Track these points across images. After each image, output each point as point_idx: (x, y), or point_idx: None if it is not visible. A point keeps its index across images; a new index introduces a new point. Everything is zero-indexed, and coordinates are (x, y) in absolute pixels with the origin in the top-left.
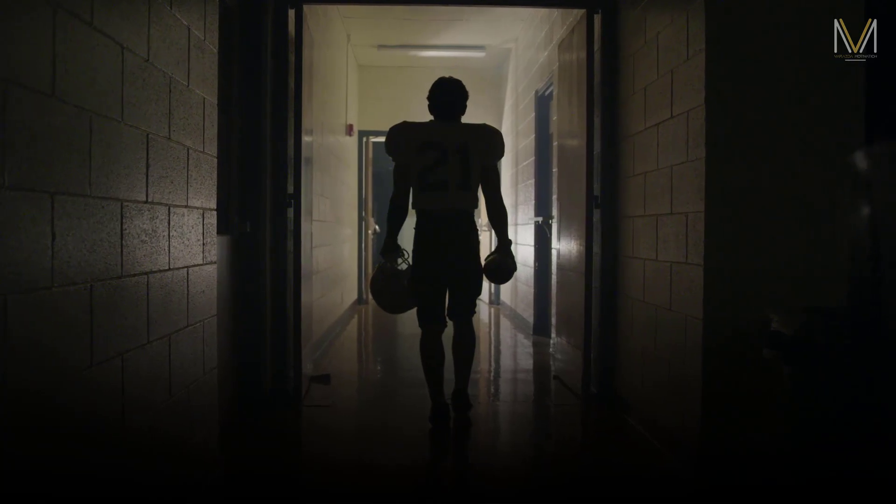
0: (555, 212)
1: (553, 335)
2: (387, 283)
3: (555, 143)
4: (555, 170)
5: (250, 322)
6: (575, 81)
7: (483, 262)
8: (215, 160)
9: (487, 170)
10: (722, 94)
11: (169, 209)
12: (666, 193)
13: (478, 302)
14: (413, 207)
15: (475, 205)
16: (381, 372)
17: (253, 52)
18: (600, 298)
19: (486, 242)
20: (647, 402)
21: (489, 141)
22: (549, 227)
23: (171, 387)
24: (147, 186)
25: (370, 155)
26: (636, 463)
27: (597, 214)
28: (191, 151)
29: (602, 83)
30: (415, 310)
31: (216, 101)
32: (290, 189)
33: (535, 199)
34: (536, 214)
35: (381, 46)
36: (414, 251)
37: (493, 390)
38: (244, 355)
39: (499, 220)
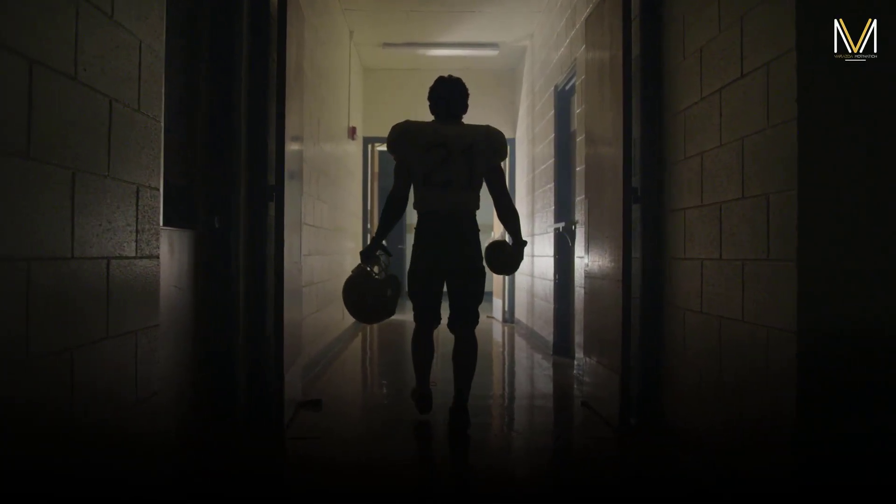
0: (579, 215)
1: (579, 355)
2: (359, 290)
3: (578, 139)
4: (578, 168)
5: (219, 337)
6: (607, 61)
7: (489, 243)
8: (160, 126)
9: (494, 170)
10: (822, 30)
11: (73, 175)
12: (734, 175)
13: (490, 321)
14: (415, 207)
15: (478, 205)
16: (386, 397)
17: (225, 14)
18: (640, 310)
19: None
20: (711, 441)
21: (494, 141)
22: (572, 233)
23: (72, 421)
24: (29, 134)
25: (377, 168)
26: None
27: (636, 211)
28: (115, 105)
29: (642, 55)
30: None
31: (163, 53)
32: (272, 180)
33: (555, 205)
34: (556, 221)
35: (386, 45)
36: (414, 248)
37: (507, 419)
38: (211, 376)
39: (512, 219)
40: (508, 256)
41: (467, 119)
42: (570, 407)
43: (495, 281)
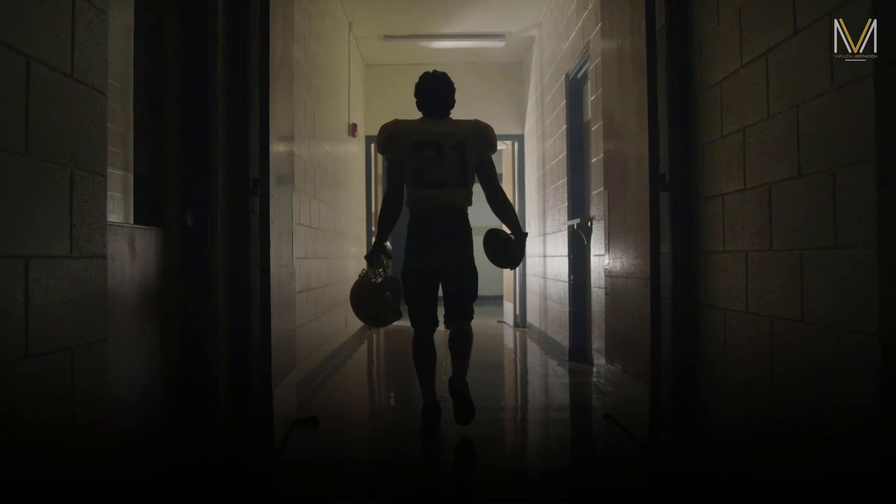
0: (595, 210)
1: (599, 361)
2: (366, 294)
3: (594, 128)
4: (594, 160)
5: (194, 351)
6: (627, 35)
7: (490, 232)
8: (103, 99)
9: (485, 164)
10: None
11: None
12: (787, 150)
13: (501, 325)
14: (407, 206)
15: (470, 202)
16: (392, 412)
17: None
18: (671, 312)
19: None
20: (766, 465)
21: (484, 136)
22: (588, 230)
23: None
24: None
25: (380, 169)
26: None
27: (664, 200)
28: (36, 67)
29: (668, 26)
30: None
31: (107, 12)
32: (255, 172)
33: (569, 201)
34: (570, 218)
35: (387, 37)
36: (407, 248)
37: (521, 436)
38: (185, 397)
39: (508, 212)
40: (509, 250)
41: (474, 115)
42: (591, 420)
43: (506, 284)
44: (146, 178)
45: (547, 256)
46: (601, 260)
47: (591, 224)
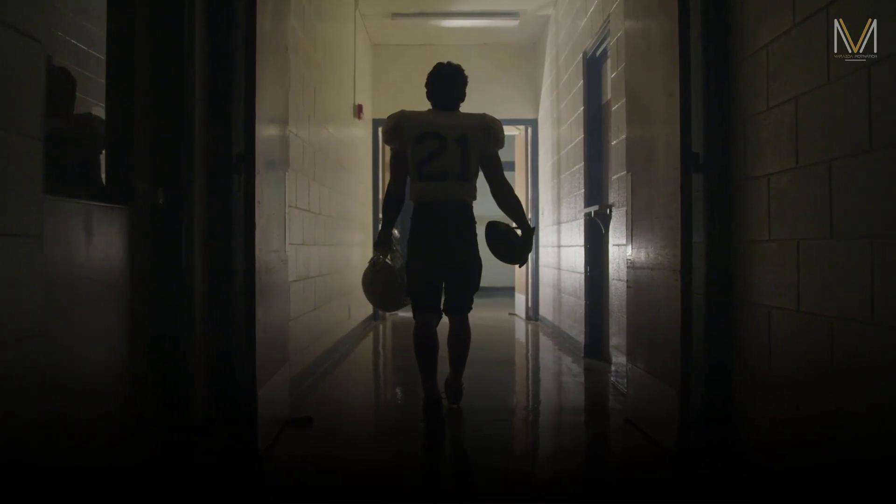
0: (614, 196)
1: (618, 359)
2: (377, 279)
3: (614, 107)
4: (614, 142)
5: (166, 342)
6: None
7: (489, 225)
8: (35, 47)
9: (489, 157)
10: None
11: None
12: (855, 119)
13: (513, 318)
14: (410, 198)
15: (474, 196)
16: (397, 410)
17: None
18: (704, 307)
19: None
20: (827, 490)
21: (489, 131)
22: (606, 217)
23: None
24: None
25: (387, 157)
26: None
27: (697, 182)
28: None
29: None
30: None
31: None
32: (240, 147)
33: (585, 187)
34: (587, 205)
35: (395, 15)
36: (409, 242)
37: (532, 442)
38: (157, 398)
39: (514, 205)
40: (510, 242)
41: (486, 100)
42: (608, 424)
43: (518, 276)
44: (112, 150)
45: (561, 246)
46: (621, 250)
47: (611, 211)
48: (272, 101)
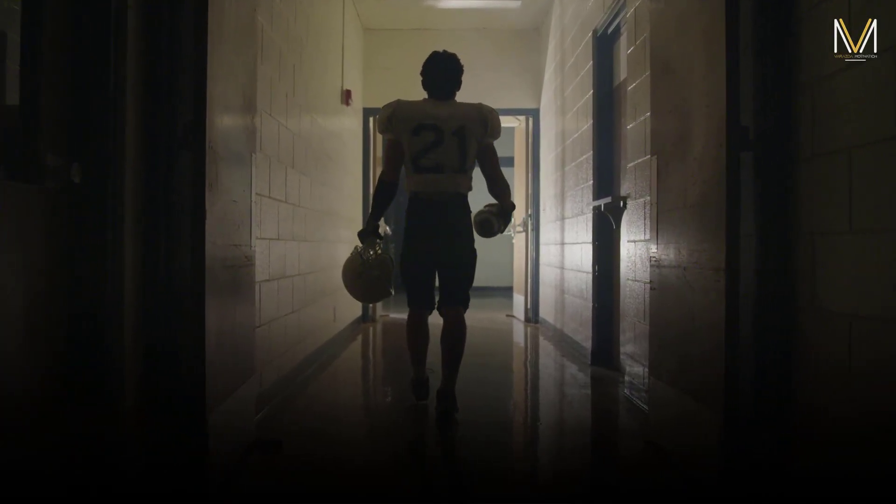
0: (629, 186)
1: (631, 369)
2: (367, 272)
3: (630, 86)
4: (630, 125)
5: (83, 352)
6: None
7: (481, 220)
8: None
9: (486, 150)
10: None
11: None
12: None
13: (510, 319)
14: (406, 189)
15: (470, 187)
16: (385, 428)
17: None
18: (753, 314)
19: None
20: None
21: (487, 121)
22: (618, 211)
23: None
24: None
25: (378, 152)
26: None
27: (746, 161)
28: None
29: None
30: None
31: None
32: (189, 114)
33: (594, 178)
34: (596, 198)
35: None
36: (405, 234)
37: (533, 461)
38: (76, 413)
39: (501, 190)
40: (485, 225)
41: (485, 88)
42: (625, 446)
43: (516, 275)
44: (15, 113)
45: (565, 244)
46: (638, 247)
47: (625, 204)
48: (231, 66)
